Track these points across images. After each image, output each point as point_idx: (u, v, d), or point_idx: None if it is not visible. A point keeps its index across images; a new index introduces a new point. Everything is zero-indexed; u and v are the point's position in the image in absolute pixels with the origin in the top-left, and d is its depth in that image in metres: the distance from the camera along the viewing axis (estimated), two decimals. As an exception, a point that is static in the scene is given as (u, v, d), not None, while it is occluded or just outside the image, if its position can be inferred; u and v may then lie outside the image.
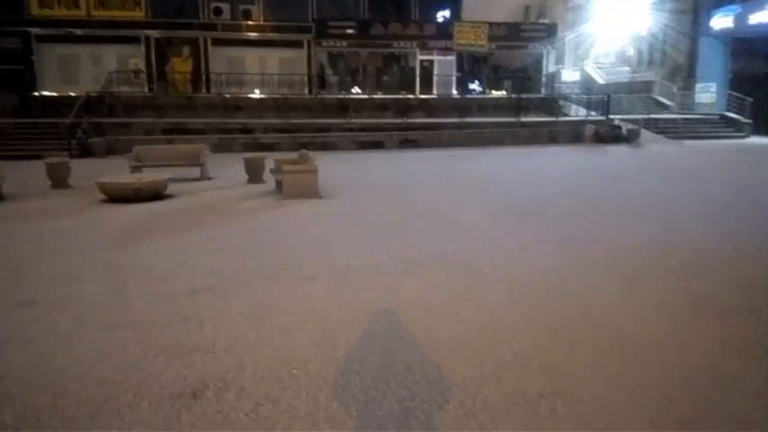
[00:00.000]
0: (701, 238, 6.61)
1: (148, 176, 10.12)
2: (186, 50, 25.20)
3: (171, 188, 10.09)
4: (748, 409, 2.89)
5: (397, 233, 6.95)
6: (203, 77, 24.96)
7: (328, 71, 26.87)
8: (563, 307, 4.35)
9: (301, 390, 3.09)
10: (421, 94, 25.52)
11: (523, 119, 21.16)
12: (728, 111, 23.63)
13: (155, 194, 9.54)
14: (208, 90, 24.22)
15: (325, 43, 26.02)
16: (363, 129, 19.56)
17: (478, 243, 6.41)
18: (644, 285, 4.89)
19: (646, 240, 6.48)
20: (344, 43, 26.26)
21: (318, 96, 23.77)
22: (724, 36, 25.08)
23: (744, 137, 21.98)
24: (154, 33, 24.60)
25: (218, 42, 25.22)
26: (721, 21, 24.79)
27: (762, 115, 22.53)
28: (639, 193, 9.86)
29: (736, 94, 23.48)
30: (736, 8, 23.77)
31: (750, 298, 4.56)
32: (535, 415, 2.83)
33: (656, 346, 3.66)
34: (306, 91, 25.07)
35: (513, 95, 23.95)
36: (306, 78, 25.58)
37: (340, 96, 23.71)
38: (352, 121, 20.15)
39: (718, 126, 22.96)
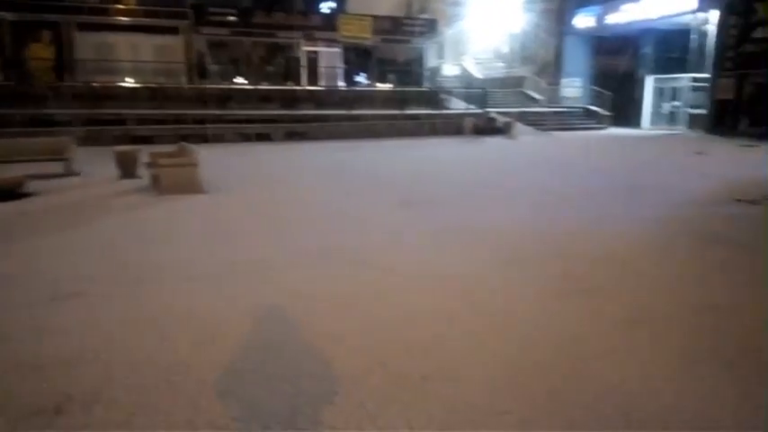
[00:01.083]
0: (571, 221, 7.15)
1: None
2: (47, 35, 22.93)
3: (32, 186, 9.13)
4: (619, 379, 3.15)
5: (286, 227, 6.82)
6: (67, 65, 22.84)
7: (209, 60, 25.73)
8: (445, 291, 4.50)
9: (180, 395, 2.92)
10: (307, 85, 25.24)
11: (408, 111, 21.67)
12: (591, 104, 25.84)
13: (8, 193, 8.57)
14: (74, 79, 22.21)
15: (204, 31, 24.87)
16: (249, 120, 18.97)
17: (368, 234, 6.46)
18: (518, 266, 5.18)
19: (525, 223, 6.89)
20: (226, 31, 25.29)
21: (199, 86, 22.67)
22: (587, 34, 27.34)
23: (604, 128, 24.15)
24: (8, 16, 22.10)
25: (84, 27, 23.19)
26: (583, 20, 26.99)
27: (619, 108, 24.94)
28: (516, 181, 10.47)
29: (598, 89, 25.74)
30: (597, 9, 25.96)
31: (610, 276, 4.99)
32: (420, 397, 2.90)
33: (530, 322, 3.89)
34: (185, 80, 23.83)
35: (398, 88, 24.44)
36: (184, 67, 24.31)
37: (223, 86, 22.79)
38: (237, 112, 19.48)
39: (582, 118, 25.02)
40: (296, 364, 3.24)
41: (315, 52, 26.79)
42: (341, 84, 26.39)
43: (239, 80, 25.12)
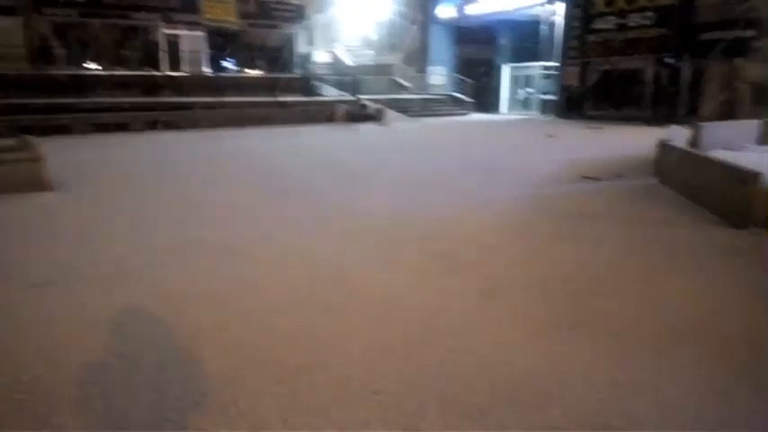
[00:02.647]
0: (439, 203, 7.47)
1: None
2: None
3: None
4: (487, 350, 3.36)
5: (148, 221, 6.41)
6: None
7: (54, 43, 23.27)
8: (322, 279, 4.51)
9: (27, 414, 2.65)
10: (169, 71, 23.77)
11: (280, 98, 21.26)
12: (456, 91, 27.10)
13: None
14: None
15: (47, 11, 22.41)
16: (104, 109, 17.49)
17: (238, 224, 6.26)
18: (389, 250, 5.33)
19: (397, 208, 7.08)
20: (72, 12, 22.98)
21: (44, 72, 20.44)
22: (449, 24, 28.54)
23: (467, 114, 25.47)
24: None
25: None
26: (445, 10, 28.13)
27: (481, 95, 26.44)
28: (389, 166, 10.72)
29: (461, 77, 27.06)
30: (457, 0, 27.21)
31: (479, 254, 5.30)
32: (294, 389, 2.88)
33: (400, 304, 4.02)
34: (26, 66, 21.36)
35: (269, 75, 23.85)
36: (25, 51, 21.77)
37: (71, 72, 20.74)
38: (90, 100, 17.86)
39: (447, 105, 26.16)
40: (160, 368, 3.07)
41: (175, 36, 25.25)
42: (206, 69, 25.18)
43: (91, 65, 23.03)
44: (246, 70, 26.53)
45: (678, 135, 10.78)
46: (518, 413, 2.67)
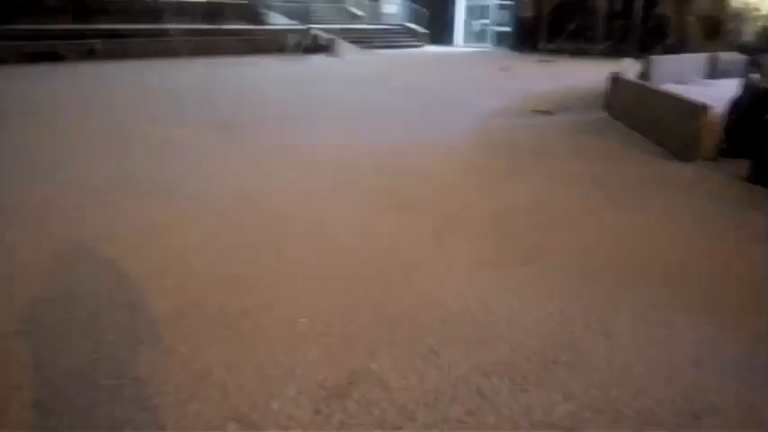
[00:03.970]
0: (392, 137, 7.28)
1: None
2: None
3: None
4: (432, 285, 3.30)
5: (80, 160, 5.99)
6: None
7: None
8: (267, 219, 4.33)
9: (-56, 370, 2.45)
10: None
11: (225, 26, 20.09)
12: (410, 22, 26.27)
13: None
14: None
15: None
16: (30, 36, 16.12)
17: (176, 163, 5.94)
18: (340, 186, 5.17)
19: (348, 142, 6.86)
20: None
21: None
22: (403, -50, 27.28)
23: (421, 45, 24.85)
24: None
25: None
26: (399, -65, 26.80)
27: (436, 26, 25.73)
28: (341, 99, 10.37)
29: (416, 6, 26.17)
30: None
31: (430, 190, 5.20)
32: (238, 333, 2.77)
33: (349, 243, 3.91)
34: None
35: (212, 0, 22.39)
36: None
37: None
38: (13, 27, 16.40)
39: (402, 36, 25.40)
40: (95, 316, 2.89)
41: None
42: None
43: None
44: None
45: (629, 68, 10.79)
46: (468, 350, 2.65)
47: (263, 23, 22.06)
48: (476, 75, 15.29)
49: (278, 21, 22.72)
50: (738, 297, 3.22)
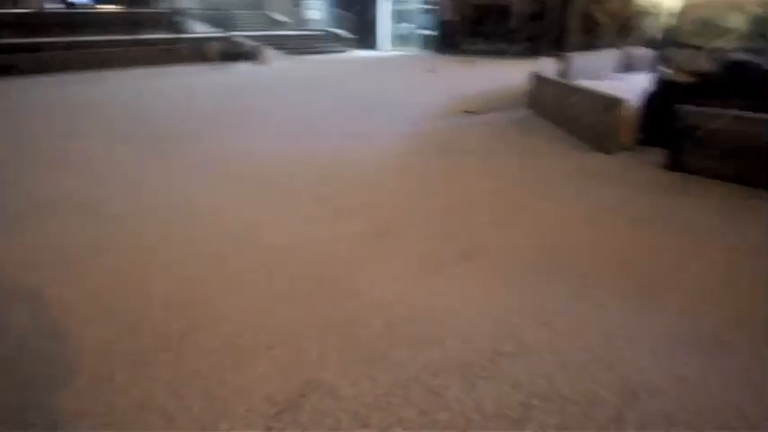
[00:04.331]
0: (326, 143, 7.25)
1: None
2: None
3: None
4: (379, 291, 3.30)
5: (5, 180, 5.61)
6: None
7: None
8: (203, 233, 4.20)
9: None
10: (13, 8, 20.64)
11: (144, 36, 19.35)
12: (335, 27, 26.27)
13: None
14: None
15: None
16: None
17: (100, 178, 5.65)
18: (278, 195, 5.09)
19: (284, 149, 6.77)
20: None
21: None
22: (323, -45, 27.25)
23: (349, 51, 24.90)
24: None
25: None
26: (319, -60, 26.74)
27: (361, 31, 25.86)
28: (273, 107, 10.21)
29: (340, 11, 26.21)
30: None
31: (368, 195, 5.21)
32: (180, 354, 2.66)
33: (290, 252, 3.86)
34: None
35: (129, 10, 21.54)
36: None
37: None
38: None
39: (328, 41, 25.33)
40: (21, 347, 2.70)
41: (9, -34, 21.82)
42: (51, 6, 22.19)
43: None
44: (102, 6, 23.74)
45: (548, 67, 11.24)
46: (416, 351, 2.67)
47: (183, 32, 21.40)
48: (405, 78, 15.47)
49: (199, 29, 22.12)
50: (663, 278, 3.41)
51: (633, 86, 7.80)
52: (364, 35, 26.08)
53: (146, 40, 19.16)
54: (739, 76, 6.28)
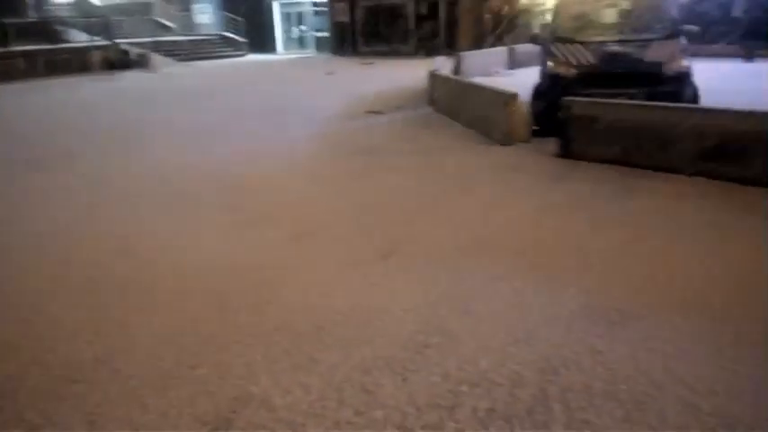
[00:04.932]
0: (231, 151, 7.04)
1: None
2: None
3: None
4: (308, 295, 3.26)
5: None
6: None
7: None
8: (106, 252, 3.95)
9: None
10: None
11: (16, 48, 17.76)
12: (226, 31, 25.53)
13: None
14: None
15: None
16: None
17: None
18: (185, 206, 4.89)
19: (189, 160, 6.48)
20: None
21: None
22: (208, -42, 26.37)
23: (242, 55, 24.30)
24: None
25: None
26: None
27: (254, 34, 25.31)
28: (169, 115, 9.76)
29: (231, 15, 25.50)
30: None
31: (280, 199, 5.13)
32: (95, 384, 2.49)
33: (207, 266, 3.72)
34: None
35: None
36: None
37: None
38: None
39: (220, 46, 24.60)
40: None
41: None
42: None
43: None
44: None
45: (443, 65, 11.62)
46: (346, 352, 2.67)
47: (61, 42, 19.87)
48: (304, 81, 15.36)
49: (79, 38, 20.64)
50: (569, 258, 3.65)
51: (522, 81, 8.26)
52: (257, 39, 25.56)
53: (19, 52, 17.61)
54: (616, 66, 6.84)
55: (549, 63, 7.31)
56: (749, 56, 13.52)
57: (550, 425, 2.15)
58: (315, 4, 25.02)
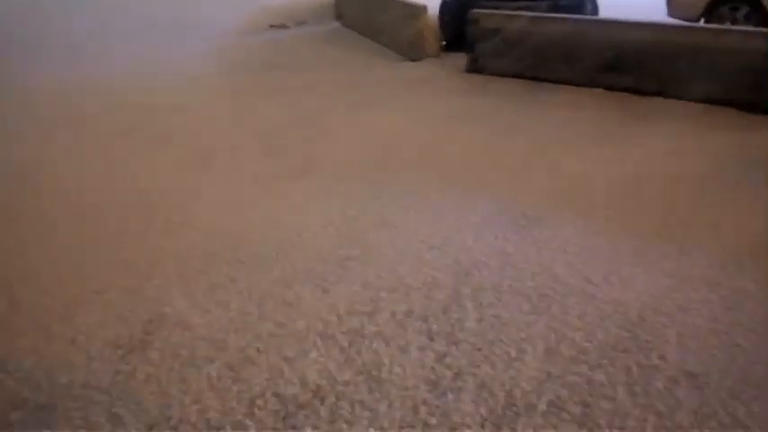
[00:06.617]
0: (133, 71, 6.47)
1: None
2: None
3: None
4: (221, 221, 3.14)
5: None
6: None
7: None
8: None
9: None
10: None
11: None
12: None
13: None
14: None
15: None
16: None
17: None
18: (86, 129, 4.50)
19: (79, 79, 5.89)
20: None
21: None
22: None
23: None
24: None
25: None
26: None
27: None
28: (63, 31, 8.74)
29: None
30: None
31: (183, 120, 4.83)
32: (-9, 318, 2.32)
33: (109, 186, 3.50)
34: None
35: None
36: None
37: None
38: None
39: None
40: None
41: None
42: None
43: None
44: None
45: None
46: (265, 268, 2.65)
47: None
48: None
49: None
50: (477, 169, 3.76)
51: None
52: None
53: None
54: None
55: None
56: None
57: (464, 321, 2.27)
58: None
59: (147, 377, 2.02)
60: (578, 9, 6.44)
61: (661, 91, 4.91)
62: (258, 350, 2.13)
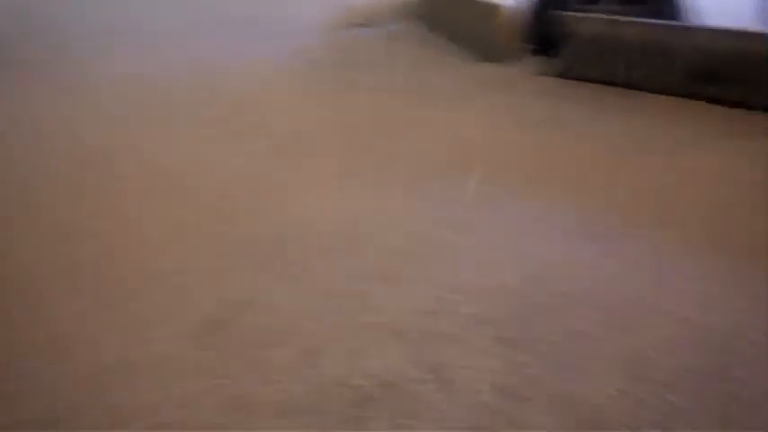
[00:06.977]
0: (216, 63, 6.76)
1: None
2: None
3: None
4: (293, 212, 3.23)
5: None
6: None
7: None
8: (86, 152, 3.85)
9: None
10: None
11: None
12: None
13: None
14: None
15: None
16: None
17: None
18: (170, 116, 4.75)
19: (166, 72, 6.22)
20: None
21: None
22: None
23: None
24: None
25: None
26: None
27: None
28: (141, 22, 9.24)
29: None
30: None
31: (266, 113, 4.99)
32: (78, 286, 2.48)
33: (190, 175, 3.66)
34: None
35: None
36: None
37: None
38: None
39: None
40: None
41: None
42: None
43: None
44: None
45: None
46: (339, 261, 2.70)
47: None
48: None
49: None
50: (557, 175, 3.66)
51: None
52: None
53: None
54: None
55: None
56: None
57: (537, 330, 2.22)
58: None
59: (219, 356, 2.10)
60: (673, 15, 6.08)
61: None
62: (329, 339, 2.17)
